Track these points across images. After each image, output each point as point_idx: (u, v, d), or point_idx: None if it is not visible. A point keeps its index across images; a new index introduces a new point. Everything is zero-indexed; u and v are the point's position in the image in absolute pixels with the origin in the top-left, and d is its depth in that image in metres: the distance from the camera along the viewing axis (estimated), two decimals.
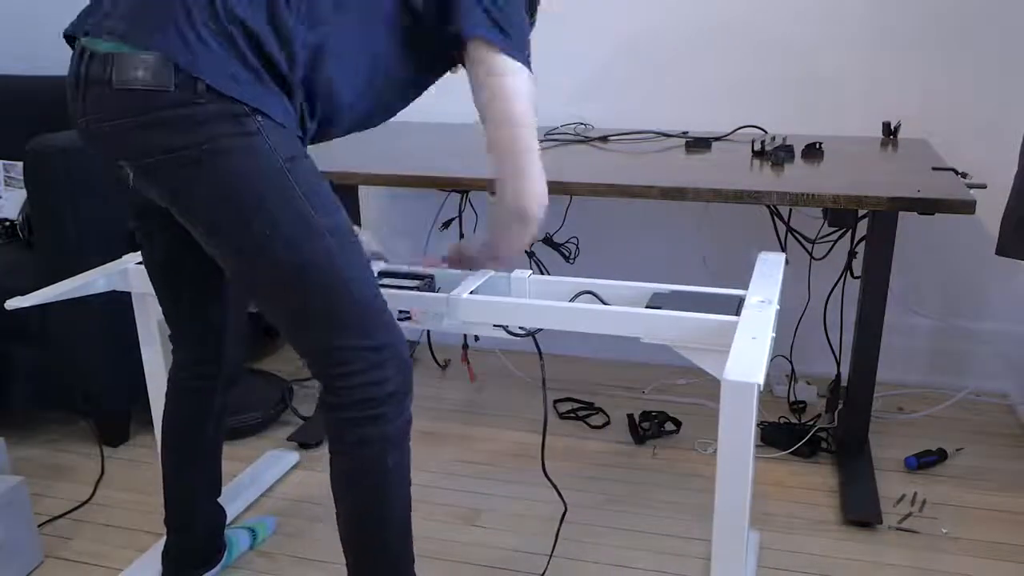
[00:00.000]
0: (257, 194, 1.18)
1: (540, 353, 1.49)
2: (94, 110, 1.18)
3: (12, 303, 1.46)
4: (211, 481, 1.63)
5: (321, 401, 1.33)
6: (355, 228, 1.32)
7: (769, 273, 1.46)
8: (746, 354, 1.14)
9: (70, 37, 1.23)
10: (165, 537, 1.62)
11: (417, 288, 1.48)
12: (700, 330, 1.30)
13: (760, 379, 1.05)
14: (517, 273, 1.51)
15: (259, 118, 1.16)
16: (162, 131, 1.15)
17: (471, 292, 1.43)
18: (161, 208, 1.25)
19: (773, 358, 2.43)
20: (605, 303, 1.44)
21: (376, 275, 1.40)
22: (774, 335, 1.23)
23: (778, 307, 1.33)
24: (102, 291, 1.58)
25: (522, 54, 1.27)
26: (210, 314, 1.49)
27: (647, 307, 1.36)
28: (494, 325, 1.42)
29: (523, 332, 1.44)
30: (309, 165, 1.23)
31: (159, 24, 1.13)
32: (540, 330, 1.42)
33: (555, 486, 1.63)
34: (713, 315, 1.29)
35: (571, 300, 1.44)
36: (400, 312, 1.45)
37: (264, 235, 1.19)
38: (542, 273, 2.46)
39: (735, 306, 1.35)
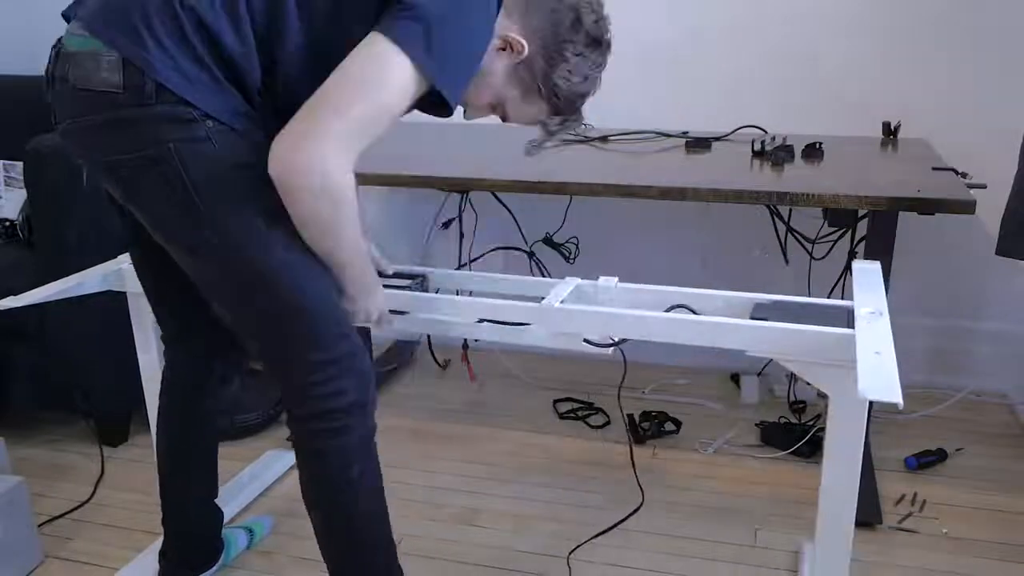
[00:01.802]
0: (205, 202, 1.16)
1: (625, 363, 1.43)
2: (58, 108, 1.20)
3: (5, 303, 1.46)
4: (207, 482, 1.63)
5: (286, 410, 1.32)
6: None
7: (871, 283, 1.42)
8: (878, 371, 1.07)
9: (66, 18, 1.23)
10: (162, 537, 1.62)
11: (409, 288, 1.48)
12: (812, 343, 1.23)
13: (900, 398, 0.99)
14: (603, 280, 1.46)
15: (209, 123, 1.15)
16: (112, 133, 1.15)
17: (562, 302, 1.37)
18: None
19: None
20: (695, 312, 1.38)
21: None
22: None
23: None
24: (96, 291, 1.58)
25: (439, 74, 1.14)
26: (196, 310, 1.46)
27: (752, 318, 1.31)
28: (584, 340, 1.37)
29: (611, 343, 1.38)
30: (260, 171, 1.17)
31: (118, 19, 1.13)
32: (626, 340, 1.36)
33: (639, 481, 1.63)
34: (827, 328, 1.23)
35: (667, 311, 1.38)
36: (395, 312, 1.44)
37: (212, 243, 1.18)
38: (542, 274, 2.47)
39: (842, 317, 1.29)
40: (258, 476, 2.01)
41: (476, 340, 2.53)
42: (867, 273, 1.47)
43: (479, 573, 1.70)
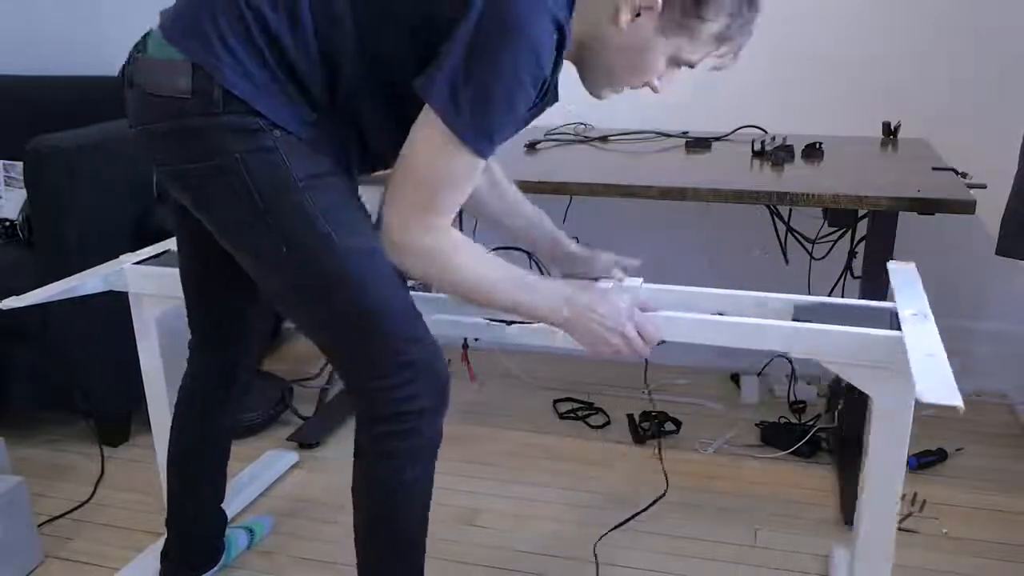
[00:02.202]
0: (271, 211, 1.16)
1: (646, 363, 1.41)
2: (131, 112, 1.21)
3: (7, 303, 1.46)
4: (217, 486, 1.63)
5: (356, 412, 1.31)
6: None
7: (910, 284, 1.41)
8: (934, 374, 1.06)
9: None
10: (164, 537, 1.62)
11: (414, 288, 1.46)
12: (859, 345, 1.22)
13: (960, 401, 0.98)
14: (628, 281, 1.44)
15: (276, 132, 1.14)
16: (179, 141, 1.16)
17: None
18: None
19: (773, 358, 2.44)
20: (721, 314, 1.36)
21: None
22: None
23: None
24: (98, 291, 1.58)
25: (473, 139, 1.12)
26: (235, 320, 1.48)
27: (794, 320, 1.29)
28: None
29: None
30: (336, 183, 1.21)
31: (188, 23, 1.14)
32: (664, 342, 1.33)
33: (664, 468, 1.63)
34: (874, 330, 1.22)
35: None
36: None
37: (280, 252, 1.18)
38: (541, 273, 2.46)
39: (885, 319, 1.28)
40: (258, 476, 2.01)
41: (476, 339, 2.53)
42: (904, 274, 1.46)
43: (479, 573, 1.70)
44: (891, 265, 1.51)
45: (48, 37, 2.84)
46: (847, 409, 2.10)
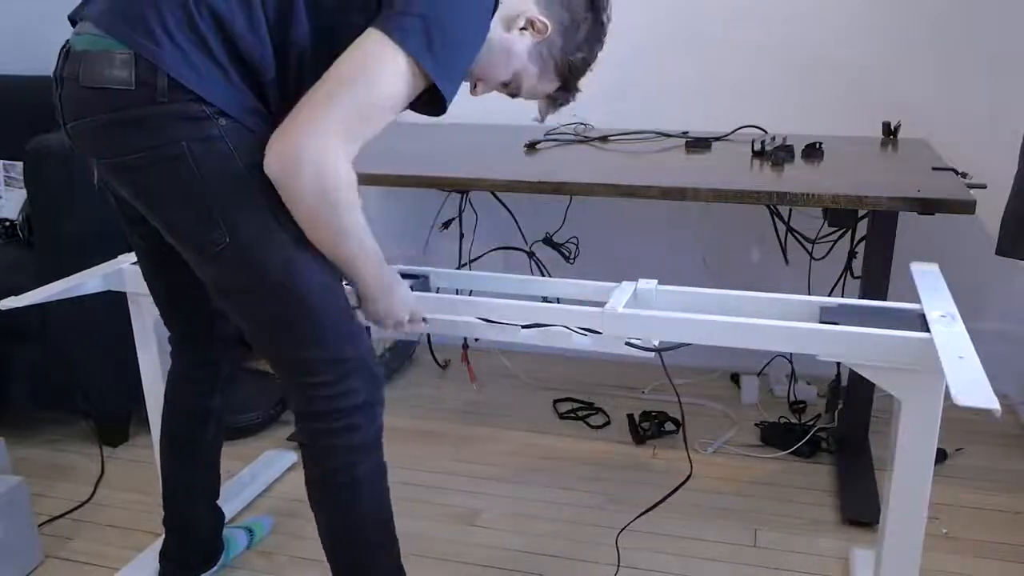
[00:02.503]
0: (215, 201, 1.16)
1: (664, 365, 1.41)
2: (66, 108, 1.18)
3: (6, 303, 1.46)
4: (210, 482, 1.63)
5: (294, 409, 1.32)
6: None
7: (935, 286, 1.40)
8: (967, 376, 1.06)
9: (72, 21, 1.22)
10: (163, 537, 1.62)
11: (411, 288, 1.47)
12: (889, 347, 1.21)
13: (997, 403, 0.98)
14: (643, 283, 1.43)
15: (222, 120, 1.13)
16: (123, 131, 1.14)
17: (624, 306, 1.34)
18: None
19: (773, 358, 2.44)
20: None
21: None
22: None
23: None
24: (96, 291, 1.58)
25: (437, 71, 1.13)
26: (205, 312, 1.48)
27: (821, 322, 1.28)
28: (626, 342, 1.34)
29: (653, 346, 1.36)
30: None
31: (128, 14, 1.11)
32: (680, 345, 1.33)
33: (687, 450, 1.63)
34: (904, 332, 1.21)
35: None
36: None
37: (222, 243, 1.17)
38: (542, 274, 2.47)
39: (913, 321, 1.27)
40: (258, 476, 2.01)
41: (476, 340, 2.53)
42: (928, 276, 1.45)
43: (479, 573, 1.70)
44: (914, 266, 1.50)
45: (48, 37, 2.84)
46: (847, 409, 2.10)
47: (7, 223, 2.32)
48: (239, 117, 1.15)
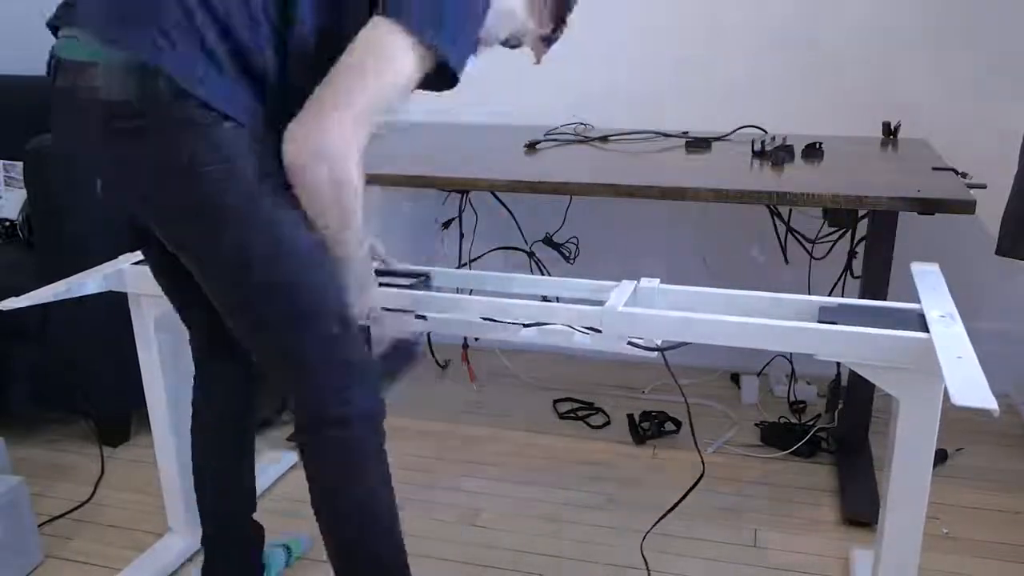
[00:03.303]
0: (224, 214, 1.13)
1: (668, 365, 1.39)
2: (63, 121, 1.16)
3: (7, 303, 1.45)
4: (246, 492, 1.59)
5: (296, 420, 1.29)
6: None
7: (934, 286, 1.40)
8: (966, 377, 1.06)
9: (52, 28, 1.19)
10: (204, 558, 1.58)
11: (413, 286, 1.47)
12: (887, 347, 1.21)
13: (995, 404, 0.98)
14: (645, 282, 1.42)
15: (227, 124, 1.11)
16: (124, 143, 1.12)
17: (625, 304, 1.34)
18: None
19: (773, 358, 2.44)
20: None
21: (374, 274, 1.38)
22: None
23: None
24: (97, 292, 1.57)
25: (450, 50, 1.13)
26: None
27: (820, 322, 1.28)
28: (628, 342, 1.33)
29: (655, 346, 1.34)
30: (282, 176, 1.15)
31: (120, 16, 1.09)
32: (681, 344, 1.32)
33: (698, 448, 1.63)
34: (903, 332, 1.21)
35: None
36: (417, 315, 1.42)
37: (221, 247, 1.16)
38: (542, 274, 2.47)
39: (912, 321, 1.27)
40: (258, 476, 2.00)
41: (476, 339, 2.53)
42: (928, 276, 1.45)
43: (479, 573, 1.70)
44: (914, 266, 1.50)
45: (48, 37, 2.84)
46: (847, 409, 2.10)
47: (7, 223, 2.32)
48: (244, 121, 1.12)
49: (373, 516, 1.31)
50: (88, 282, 1.55)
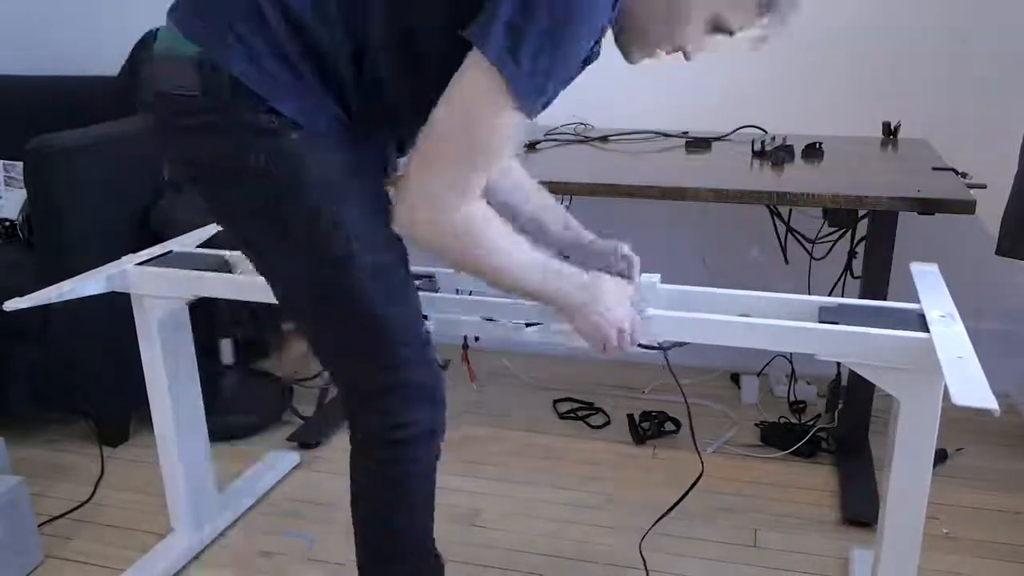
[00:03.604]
0: (283, 216, 1.11)
1: (669, 365, 1.38)
2: (143, 110, 1.16)
3: (11, 304, 1.45)
4: None
5: (349, 428, 1.27)
6: None
7: (934, 286, 1.40)
8: (966, 376, 1.06)
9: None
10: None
11: (420, 288, 1.46)
12: (888, 347, 1.21)
13: (996, 404, 0.98)
14: (644, 277, 1.40)
15: (293, 134, 1.07)
16: (191, 138, 1.11)
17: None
18: None
19: (773, 358, 2.44)
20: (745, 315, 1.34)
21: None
22: None
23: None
24: (101, 292, 1.57)
25: (526, 92, 1.01)
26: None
27: (820, 322, 1.28)
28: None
29: (658, 346, 1.34)
30: (356, 187, 1.13)
31: (202, 15, 1.08)
32: (684, 344, 1.32)
33: (697, 448, 1.63)
34: (903, 332, 1.21)
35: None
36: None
37: (289, 260, 1.15)
38: None
39: (913, 321, 1.27)
40: (260, 476, 2.01)
41: (476, 339, 2.53)
42: (927, 276, 1.46)
43: (479, 573, 1.70)
44: (914, 266, 1.50)
45: (48, 37, 2.84)
46: (847, 409, 2.10)
47: (7, 223, 2.32)
48: (311, 127, 1.09)
49: (411, 529, 1.30)
50: (92, 282, 1.55)
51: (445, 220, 1.06)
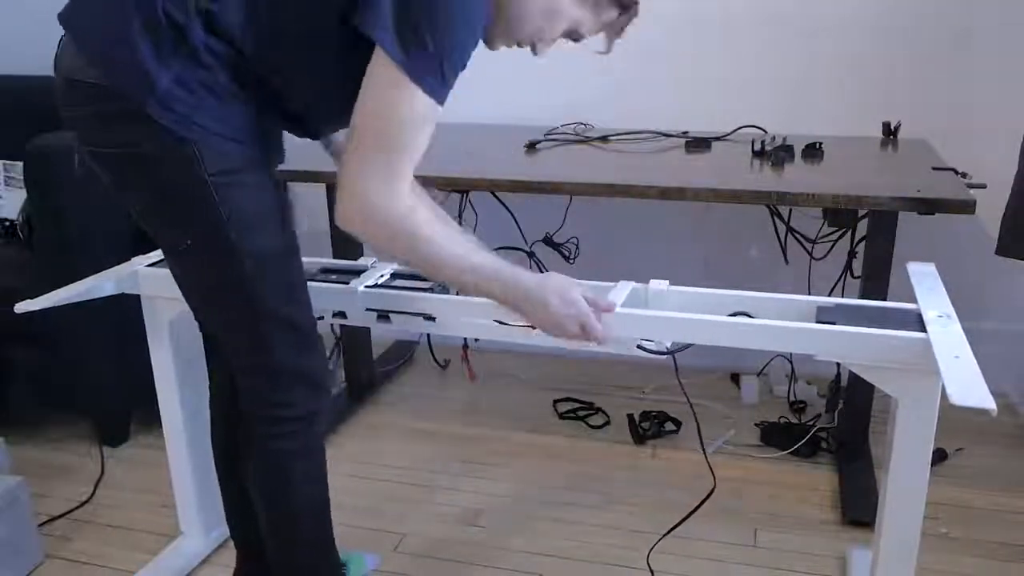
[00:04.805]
0: (175, 206, 1.19)
1: (676, 368, 1.38)
2: (58, 98, 1.21)
3: (21, 307, 1.43)
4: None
5: (245, 411, 1.35)
6: None
7: (931, 285, 1.41)
8: (963, 377, 1.06)
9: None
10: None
11: (429, 289, 1.45)
12: (885, 347, 1.21)
13: (993, 404, 0.99)
14: (654, 284, 1.42)
15: (194, 125, 1.12)
16: (97, 125, 1.17)
17: (622, 305, 1.33)
18: None
19: (773, 358, 2.44)
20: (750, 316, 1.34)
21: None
22: None
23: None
24: (112, 294, 1.55)
25: (422, 76, 1.07)
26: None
27: (818, 322, 1.28)
28: (637, 345, 1.33)
29: (665, 349, 1.34)
30: (248, 179, 1.19)
31: (99, 16, 1.13)
32: (689, 346, 1.32)
33: (709, 465, 1.63)
34: (901, 332, 1.21)
35: (730, 316, 1.34)
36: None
37: (182, 246, 1.22)
38: (540, 271, 2.46)
39: (911, 321, 1.27)
40: None
41: (476, 340, 2.53)
42: (924, 276, 1.46)
43: (479, 573, 1.70)
44: (911, 266, 1.50)
45: (48, 37, 2.83)
46: (847, 409, 2.10)
47: (7, 223, 2.32)
48: (207, 121, 1.14)
49: (300, 505, 1.38)
50: (103, 284, 1.53)
51: (377, 211, 1.11)
